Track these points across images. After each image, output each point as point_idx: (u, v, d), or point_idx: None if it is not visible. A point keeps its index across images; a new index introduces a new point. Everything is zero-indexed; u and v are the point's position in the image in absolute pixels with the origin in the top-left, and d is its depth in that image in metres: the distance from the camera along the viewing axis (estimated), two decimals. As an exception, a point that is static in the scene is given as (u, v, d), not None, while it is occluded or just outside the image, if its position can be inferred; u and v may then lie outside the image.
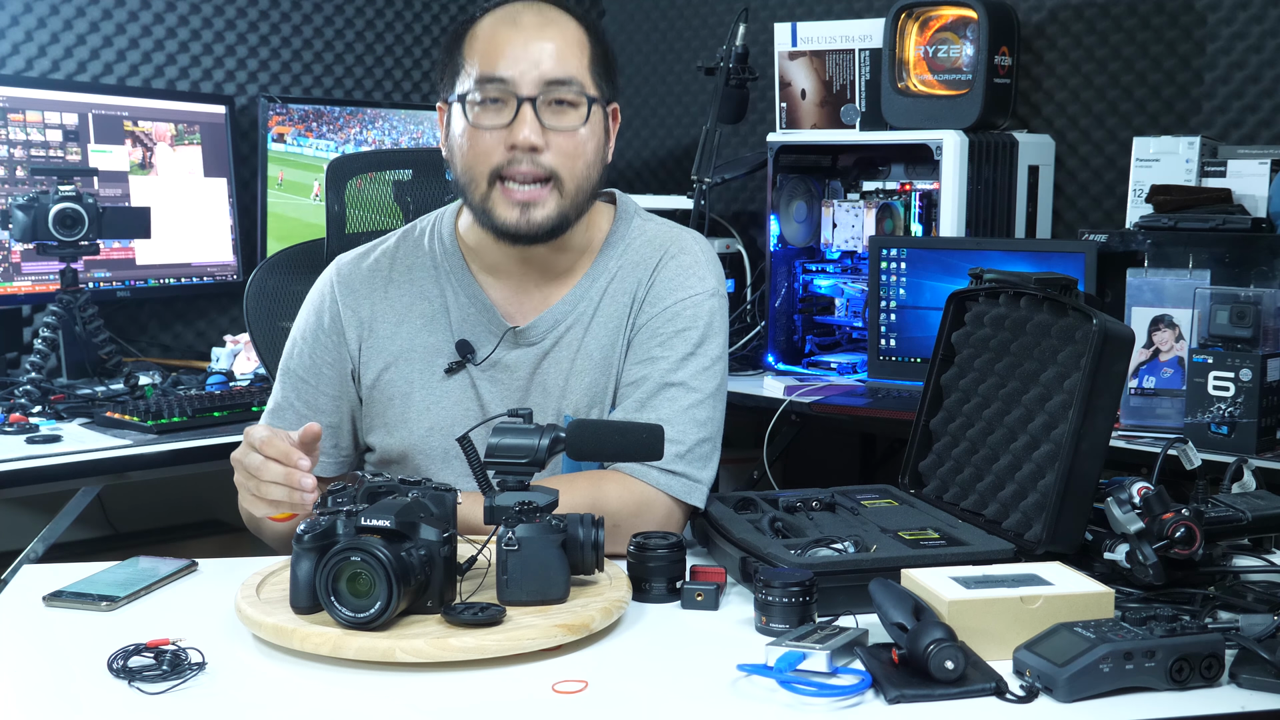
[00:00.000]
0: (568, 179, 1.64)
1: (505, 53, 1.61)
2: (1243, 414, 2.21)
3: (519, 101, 1.60)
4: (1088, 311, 1.50)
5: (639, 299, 1.73)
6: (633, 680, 1.26)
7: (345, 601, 1.28)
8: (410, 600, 1.31)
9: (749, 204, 3.77)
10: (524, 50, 1.61)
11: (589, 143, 1.65)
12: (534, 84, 1.60)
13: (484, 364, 1.72)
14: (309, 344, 1.77)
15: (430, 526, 1.33)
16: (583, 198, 1.67)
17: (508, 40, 1.62)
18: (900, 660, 1.23)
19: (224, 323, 3.32)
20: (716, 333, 1.73)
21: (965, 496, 1.65)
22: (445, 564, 1.34)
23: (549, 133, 1.61)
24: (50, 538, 2.43)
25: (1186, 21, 2.99)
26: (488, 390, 1.72)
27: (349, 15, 3.57)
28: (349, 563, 1.28)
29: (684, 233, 1.80)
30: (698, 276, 1.73)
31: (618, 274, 1.74)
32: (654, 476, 1.63)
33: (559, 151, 1.62)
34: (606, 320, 1.72)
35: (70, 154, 2.88)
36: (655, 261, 1.74)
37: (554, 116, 1.62)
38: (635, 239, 1.76)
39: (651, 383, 1.68)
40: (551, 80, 1.61)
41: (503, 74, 1.60)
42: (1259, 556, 1.58)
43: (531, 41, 1.61)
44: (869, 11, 3.47)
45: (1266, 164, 2.56)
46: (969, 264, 1.90)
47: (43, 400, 2.54)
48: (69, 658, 1.31)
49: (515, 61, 1.61)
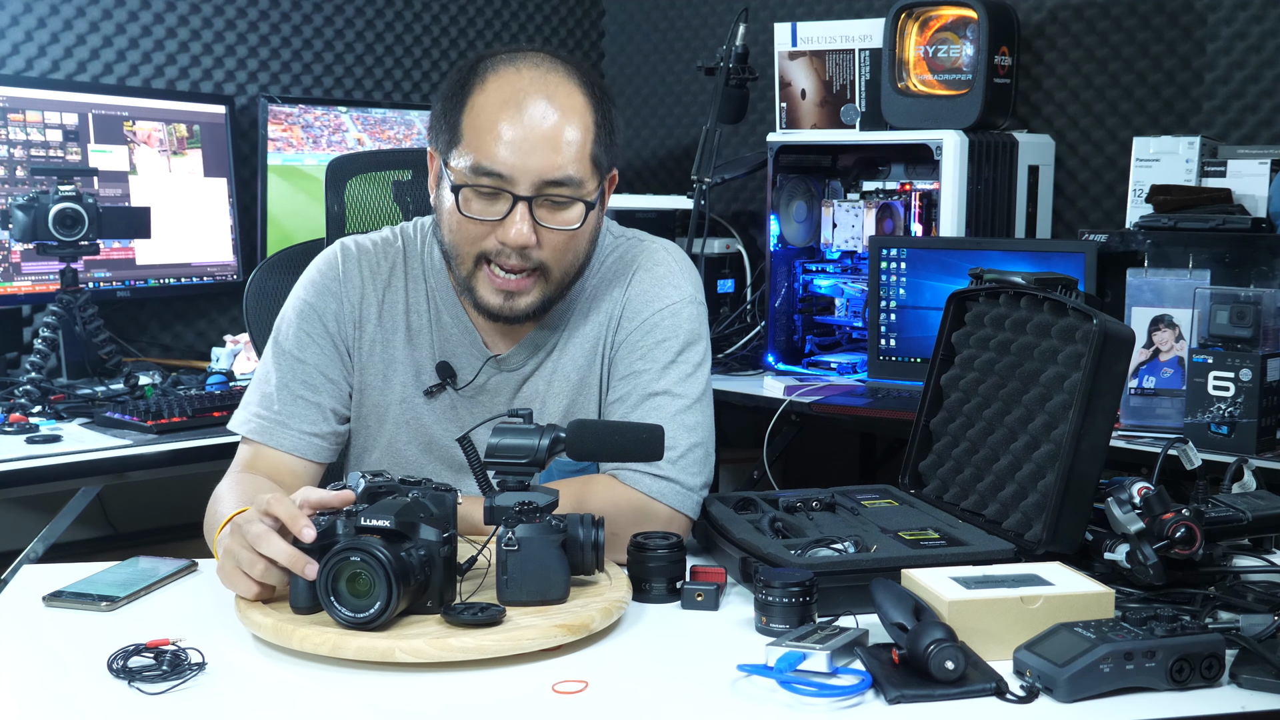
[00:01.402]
0: (555, 269, 1.62)
1: (505, 149, 1.55)
2: (1243, 414, 2.21)
3: (514, 200, 1.56)
4: (1088, 311, 1.50)
5: (614, 316, 1.72)
6: (633, 680, 1.26)
7: (345, 601, 1.28)
8: (410, 600, 1.31)
9: (749, 204, 3.78)
10: (525, 148, 1.55)
11: (583, 237, 1.63)
12: (532, 185, 1.56)
13: (465, 389, 1.72)
14: (308, 321, 1.71)
15: (430, 527, 1.33)
16: (569, 280, 1.65)
17: (509, 134, 1.55)
18: (900, 660, 1.23)
19: (224, 323, 3.32)
20: (698, 339, 1.71)
21: (965, 496, 1.65)
22: (445, 564, 1.34)
23: (542, 230, 1.58)
24: (50, 538, 2.43)
25: (1186, 21, 2.99)
26: (468, 414, 1.71)
27: (349, 15, 3.56)
28: (349, 563, 1.28)
29: (653, 243, 1.77)
30: (672, 285, 1.72)
31: (593, 295, 1.73)
32: (647, 483, 1.62)
33: (551, 247, 1.60)
34: (582, 340, 1.72)
35: (70, 154, 2.88)
36: (628, 277, 1.73)
37: (550, 214, 1.58)
38: (606, 257, 1.75)
39: (636, 395, 1.67)
40: (551, 181, 1.56)
41: (501, 170, 1.55)
42: (1259, 556, 1.58)
43: (534, 139, 1.55)
44: (869, 11, 3.47)
45: (1266, 164, 2.56)
46: (969, 264, 1.91)
47: (43, 400, 2.54)
48: (69, 658, 1.31)
49: (512, 161, 1.55)
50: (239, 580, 1.36)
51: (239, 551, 1.35)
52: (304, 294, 1.73)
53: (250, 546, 1.33)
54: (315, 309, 1.72)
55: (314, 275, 1.75)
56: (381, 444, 1.73)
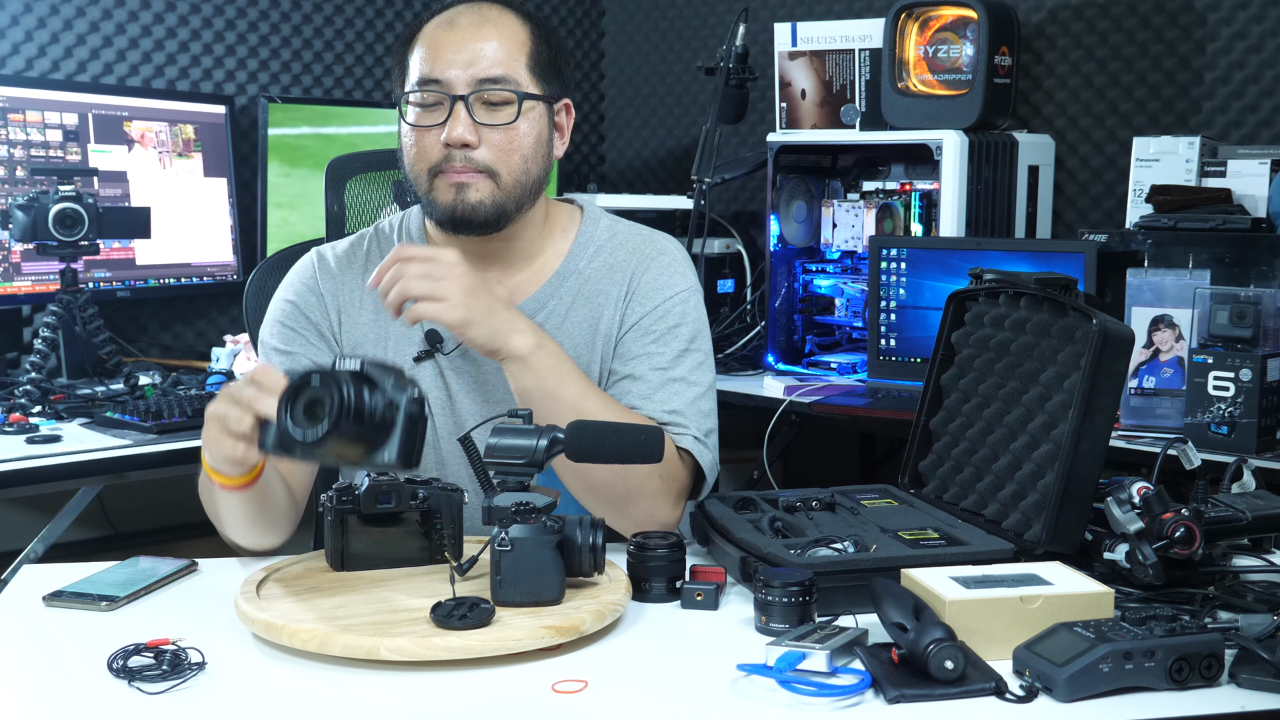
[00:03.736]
0: (504, 173, 1.66)
1: (441, 55, 1.65)
2: (1243, 414, 2.21)
3: (452, 101, 1.63)
4: (1088, 311, 1.50)
5: (621, 300, 1.74)
6: (633, 680, 1.26)
7: (298, 423, 1.32)
8: (365, 451, 1.34)
9: (749, 204, 3.78)
10: (458, 51, 1.65)
11: (526, 138, 1.67)
12: (467, 83, 1.64)
13: (452, 354, 1.73)
14: (290, 318, 1.76)
15: (401, 389, 1.36)
16: (522, 192, 1.68)
17: (444, 42, 1.66)
18: (900, 660, 1.23)
19: (224, 323, 3.33)
20: (704, 328, 1.77)
21: (965, 496, 1.65)
22: (410, 422, 1.36)
23: (482, 129, 1.64)
24: (50, 538, 2.43)
25: (1186, 21, 2.99)
26: (455, 380, 1.73)
27: (349, 15, 3.57)
28: (309, 386, 1.32)
29: (657, 234, 1.82)
30: (680, 274, 1.77)
31: (591, 276, 1.76)
32: (689, 441, 1.66)
33: (493, 146, 1.65)
34: (581, 321, 1.74)
35: (70, 154, 2.88)
36: (635, 264, 1.76)
37: (488, 114, 1.65)
38: (607, 242, 1.78)
39: (656, 376, 1.70)
40: (484, 79, 1.64)
41: (438, 75, 1.64)
42: (1259, 556, 1.58)
43: (466, 42, 1.65)
44: (869, 11, 3.47)
45: (1266, 164, 2.56)
46: (969, 264, 1.90)
47: (43, 400, 2.54)
48: (69, 658, 1.32)
49: (450, 64, 1.64)
50: (224, 441, 1.42)
51: (227, 410, 1.41)
52: (284, 295, 1.78)
53: (240, 403, 1.40)
54: (297, 305, 1.76)
55: (292, 279, 1.80)
56: None
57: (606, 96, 4.17)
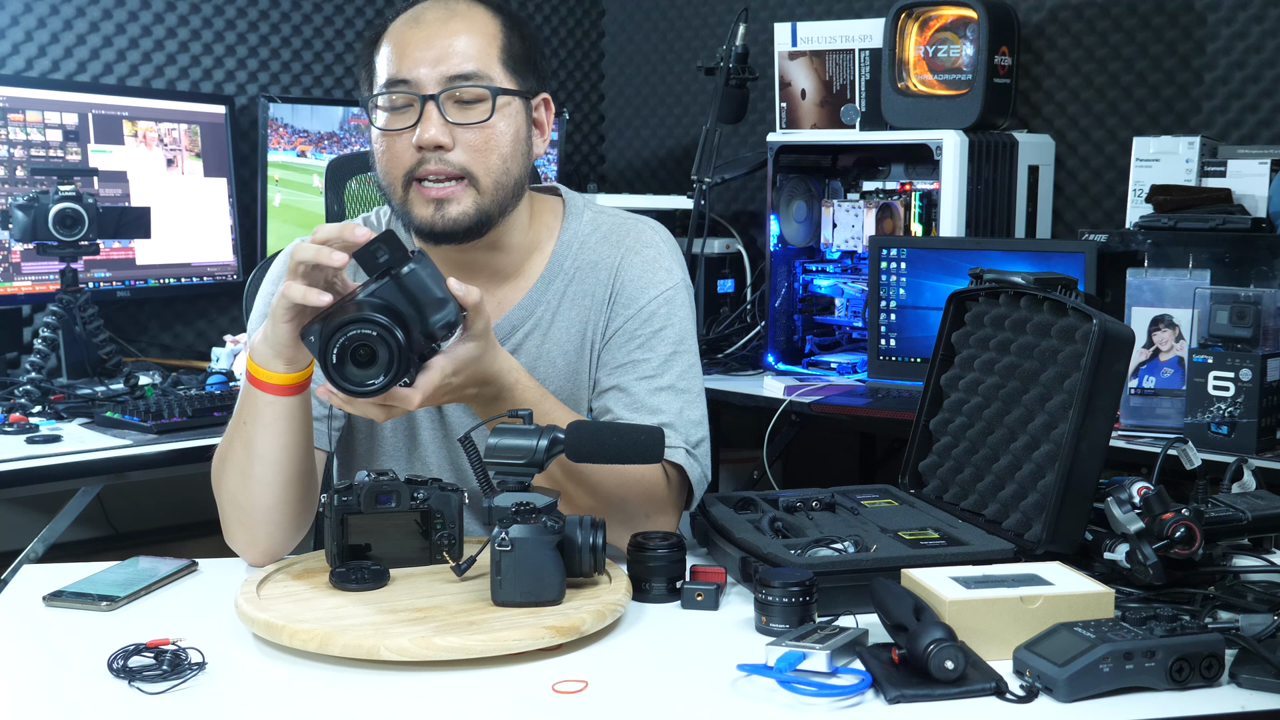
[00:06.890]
0: (482, 175, 1.58)
1: (408, 53, 1.57)
2: (1243, 414, 2.21)
3: (422, 101, 1.56)
4: (1088, 311, 1.50)
5: (603, 300, 1.69)
6: (633, 680, 1.26)
7: (349, 376, 1.32)
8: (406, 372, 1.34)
9: (749, 204, 3.78)
10: (426, 49, 1.57)
11: (504, 136, 1.59)
12: (436, 82, 1.56)
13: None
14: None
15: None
16: (504, 194, 1.60)
17: (410, 40, 1.58)
18: (900, 660, 1.23)
19: (224, 323, 3.33)
20: (691, 326, 1.71)
21: (965, 496, 1.65)
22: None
23: (456, 129, 1.56)
24: (50, 538, 2.43)
25: (1186, 21, 2.99)
26: None
27: (349, 15, 3.57)
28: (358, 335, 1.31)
29: (641, 223, 1.75)
30: (664, 269, 1.70)
31: (575, 275, 1.70)
32: (681, 456, 1.62)
33: (468, 147, 1.57)
34: (568, 324, 1.69)
35: (70, 154, 2.88)
36: (616, 259, 1.70)
37: (461, 113, 1.57)
38: (590, 236, 1.72)
39: (642, 387, 1.65)
40: (454, 76, 1.56)
41: (406, 75, 1.57)
42: (1259, 556, 1.58)
43: (434, 39, 1.58)
44: (869, 11, 3.47)
45: (1266, 164, 2.56)
46: (969, 264, 1.91)
47: (43, 400, 2.54)
48: (69, 658, 1.31)
49: (418, 62, 1.57)
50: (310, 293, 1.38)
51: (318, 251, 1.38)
52: (270, 285, 1.73)
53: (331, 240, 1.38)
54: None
55: (277, 268, 1.73)
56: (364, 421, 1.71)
57: (606, 96, 4.17)
